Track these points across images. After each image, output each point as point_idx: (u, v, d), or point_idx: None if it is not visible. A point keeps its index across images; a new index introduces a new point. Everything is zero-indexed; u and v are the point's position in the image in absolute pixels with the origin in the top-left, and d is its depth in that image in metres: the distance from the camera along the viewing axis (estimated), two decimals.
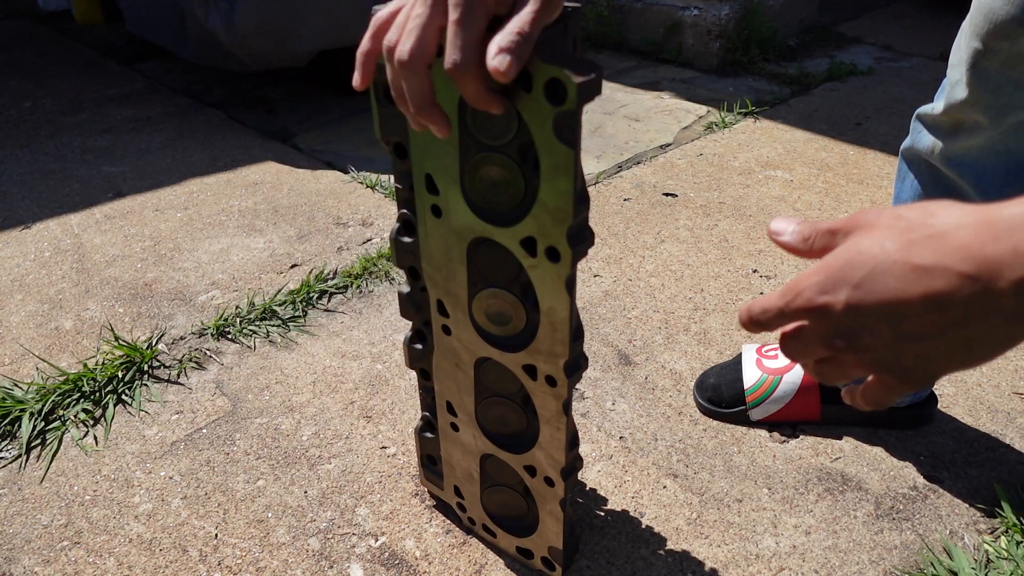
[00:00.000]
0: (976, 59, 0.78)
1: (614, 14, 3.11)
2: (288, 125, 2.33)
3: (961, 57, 0.80)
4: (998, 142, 0.83)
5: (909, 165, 0.96)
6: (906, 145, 0.96)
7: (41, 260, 1.60)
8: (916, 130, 0.93)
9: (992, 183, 0.86)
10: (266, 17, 2.08)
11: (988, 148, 0.84)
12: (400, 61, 0.50)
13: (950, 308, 0.37)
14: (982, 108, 0.81)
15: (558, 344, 0.68)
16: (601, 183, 1.94)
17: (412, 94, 0.52)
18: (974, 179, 0.87)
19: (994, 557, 0.94)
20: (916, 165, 0.95)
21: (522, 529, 0.89)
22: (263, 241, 1.67)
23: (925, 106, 0.90)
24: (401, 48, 0.50)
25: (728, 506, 1.01)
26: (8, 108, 2.44)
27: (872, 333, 0.40)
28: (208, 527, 0.98)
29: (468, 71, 0.49)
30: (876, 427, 1.13)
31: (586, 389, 1.22)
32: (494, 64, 0.47)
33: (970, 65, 0.79)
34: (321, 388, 1.23)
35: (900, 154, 0.98)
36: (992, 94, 0.79)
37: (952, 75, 0.83)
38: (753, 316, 0.48)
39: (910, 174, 0.96)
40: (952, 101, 0.83)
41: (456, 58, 0.48)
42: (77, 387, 1.21)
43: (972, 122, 0.83)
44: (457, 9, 0.48)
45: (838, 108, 2.47)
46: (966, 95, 0.81)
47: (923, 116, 0.91)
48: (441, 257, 0.72)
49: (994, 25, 0.74)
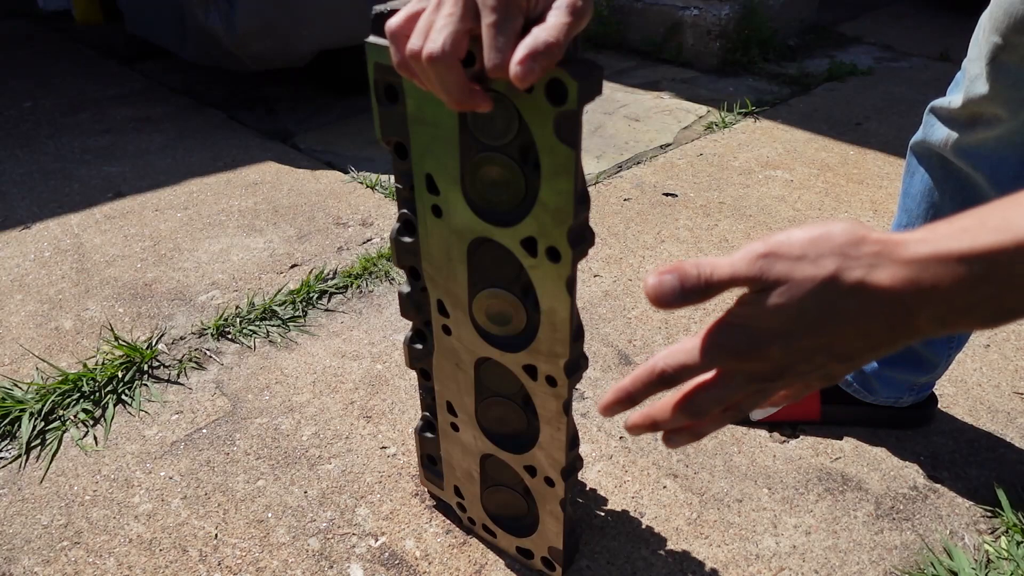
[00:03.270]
0: (996, 53, 0.78)
1: (614, 14, 3.11)
2: (288, 125, 2.33)
3: (980, 52, 0.80)
4: (1016, 133, 0.83)
5: (920, 160, 0.96)
6: (917, 139, 0.95)
7: (41, 260, 1.60)
8: (929, 123, 0.92)
9: (1008, 174, 0.86)
10: (266, 17, 2.08)
11: (1005, 140, 0.84)
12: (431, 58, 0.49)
13: (877, 335, 0.42)
14: (1001, 102, 0.80)
15: (558, 344, 0.68)
16: (601, 183, 1.94)
17: (450, 89, 0.51)
18: (990, 170, 0.86)
19: (994, 557, 0.94)
20: (927, 159, 0.94)
21: (522, 529, 0.89)
22: (263, 241, 1.67)
23: (940, 99, 0.90)
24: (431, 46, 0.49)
25: (728, 506, 1.01)
26: (8, 108, 2.44)
27: (808, 362, 0.44)
28: (208, 527, 0.98)
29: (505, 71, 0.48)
30: (876, 427, 1.13)
31: (586, 389, 1.23)
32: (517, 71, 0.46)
33: (990, 60, 0.79)
34: (321, 388, 1.23)
35: (909, 149, 0.97)
36: (1012, 88, 0.79)
37: (971, 69, 0.83)
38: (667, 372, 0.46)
39: (920, 168, 0.95)
40: (972, 95, 0.83)
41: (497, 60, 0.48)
42: (77, 387, 1.20)
43: (991, 115, 0.83)
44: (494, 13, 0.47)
45: (838, 108, 2.47)
46: (987, 90, 0.80)
47: (938, 109, 0.90)
48: (441, 257, 0.72)
49: (1014, 20, 0.74)
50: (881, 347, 0.43)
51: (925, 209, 0.95)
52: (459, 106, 0.52)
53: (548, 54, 0.47)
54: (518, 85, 0.47)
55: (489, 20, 0.47)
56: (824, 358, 0.44)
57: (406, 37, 0.51)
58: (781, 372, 0.45)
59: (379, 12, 0.59)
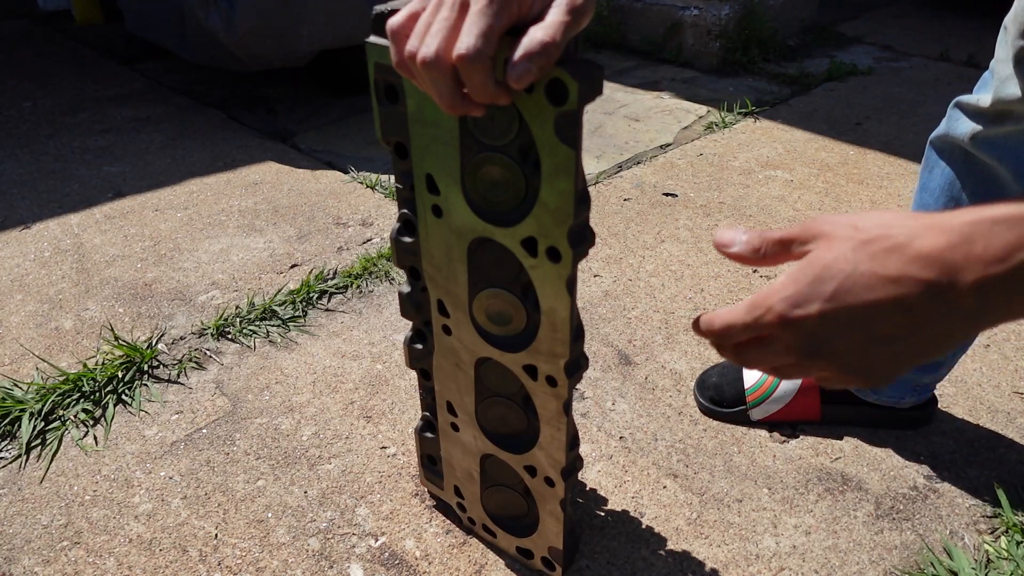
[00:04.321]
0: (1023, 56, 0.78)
1: (614, 14, 3.11)
2: (288, 125, 2.33)
3: (1008, 54, 0.80)
4: None
5: (940, 154, 0.95)
6: (938, 133, 0.94)
7: (41, 260, 1.60)
8: (953, 118, 0.91)
9: None
10: (266, 17, 2.08)
11: None
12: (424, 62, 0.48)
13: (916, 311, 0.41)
14: None
15: (558, 344, 0.68)
16: (601, 183, 1.94)
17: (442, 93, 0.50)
18: (1014, 163, 0.86)
19: (994, 557, 0.94)
20: (949, 153, 0.94)
21: (522, 529, 0.89)
22: (263, 241, 1.67)
23: (967, 96, 0.89)
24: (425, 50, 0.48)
25: (728, 506, 1.01)
26: (8, 108, 2.44)
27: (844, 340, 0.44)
28: (208, 527, 0.98)
29: (479, 61, 0.46)
30: (876, 427, 1.14)
31: (586, 389, 1.22)
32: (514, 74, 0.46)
33: (1017, 62, 0.78)
34: (321, 388, 1.23)
35: (929, 144, 0.97)
36: None
37: (1000, 71, 0.82)
38: (716, 331, 0.49)
39: (941, 162, 0.95)
40: (1002, 96, 0.82)
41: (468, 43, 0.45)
42: (77, 387, 1.20)
43: (1021, 113, 0.82)
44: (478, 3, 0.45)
45: (838, 108, 2.47)
46: (1019, 93, 0.80)
47: (964, 105, 0.90)
48: (442, 257, 0.72)
49: None
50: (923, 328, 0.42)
51: (944, 204, 0.94)
52: (451, 110, 0.52)
53: (544, 53, 0.46)
54: (514, 86, 0.47)
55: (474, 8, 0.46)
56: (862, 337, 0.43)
57: (406, 37, 0.50)
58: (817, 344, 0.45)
59: (379, 12, 0.59)
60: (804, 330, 0.44)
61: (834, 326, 0.43)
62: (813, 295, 0.44)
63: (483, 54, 0.46)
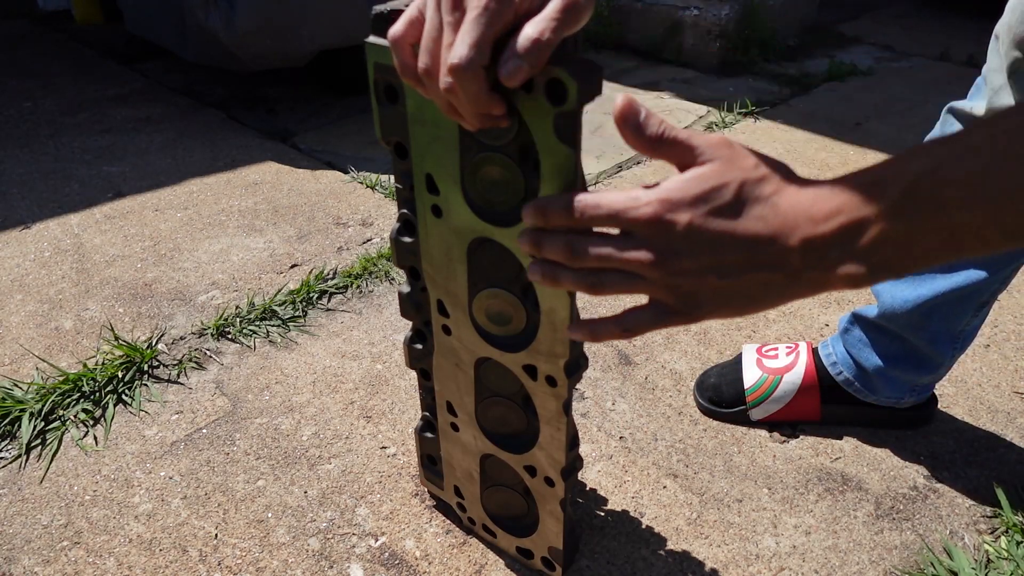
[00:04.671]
0: (1017, 66, 0.77)
1: (614, 14, 3.11)
2: (288, 125, 2.33)
3: (1000, 64, 0.80)
4: None
5: None
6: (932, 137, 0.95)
7: (41, 260, 1.60)
8: (947, 123, 0.92)
9: None
10: (266, 17, 2.08)
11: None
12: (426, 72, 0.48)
13: (759, 255, 0.45)
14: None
15: (558, 344, 0.68)
16: (601, 183, 1.94)
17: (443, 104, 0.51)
18: None
19: (994, 557, 0.94)
20: None
21: (522, 529, 0.89)
22: (263, 241, 1.67)
23: (960, 102, 0.90)
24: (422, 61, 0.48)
25: (728, 506, 1.01)
26: (8, 108, 2.44)
27: (693, 259, 0.46)
28: (208, 527, 0.98)
29: (471, 71, 0.45)
30: (876, 427, 1.14)
31: (586, 389, 1.22)
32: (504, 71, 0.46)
33: (1011, 72, 0.78)
34: (321, 388, 1.23)
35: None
36: None
37: (993, 80, 0.82)
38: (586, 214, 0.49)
39: None
40: (996, 106, 0.82)
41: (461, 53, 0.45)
42: (77, 387, 1.20)
43: None
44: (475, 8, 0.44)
45: (838, 108, 2.47)
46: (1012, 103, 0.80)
47: (958, 111, 0.90)
48: (441, 257, 0.72)
49: None
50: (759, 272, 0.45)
51: None
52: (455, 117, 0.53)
53: (535, 50, 0.45)
54: (506, 84, 0.47)
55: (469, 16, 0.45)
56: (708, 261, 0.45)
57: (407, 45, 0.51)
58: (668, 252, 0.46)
59: (379, 12, 0.59)
60: (666, 234, 0.46)
61: (693, 240, 0.45)
62: (690, 206, 0.45)
63: (475, 63, 0.45)
